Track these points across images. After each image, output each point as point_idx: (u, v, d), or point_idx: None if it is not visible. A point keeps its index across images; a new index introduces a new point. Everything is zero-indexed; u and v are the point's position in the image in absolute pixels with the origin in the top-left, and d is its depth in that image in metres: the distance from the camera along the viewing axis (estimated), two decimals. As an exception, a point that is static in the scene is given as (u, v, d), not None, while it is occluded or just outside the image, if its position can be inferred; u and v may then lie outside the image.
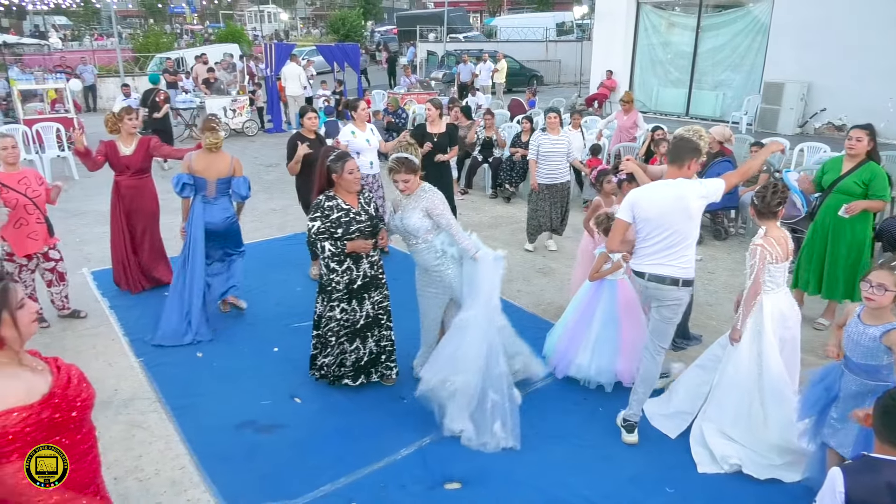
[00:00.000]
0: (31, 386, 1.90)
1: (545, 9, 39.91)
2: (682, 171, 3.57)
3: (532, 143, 6.88)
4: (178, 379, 4.48)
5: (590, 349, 4.28)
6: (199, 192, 5.10)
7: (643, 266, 3.59)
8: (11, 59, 21.68)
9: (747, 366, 3.55)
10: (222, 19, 45.63)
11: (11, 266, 4.95)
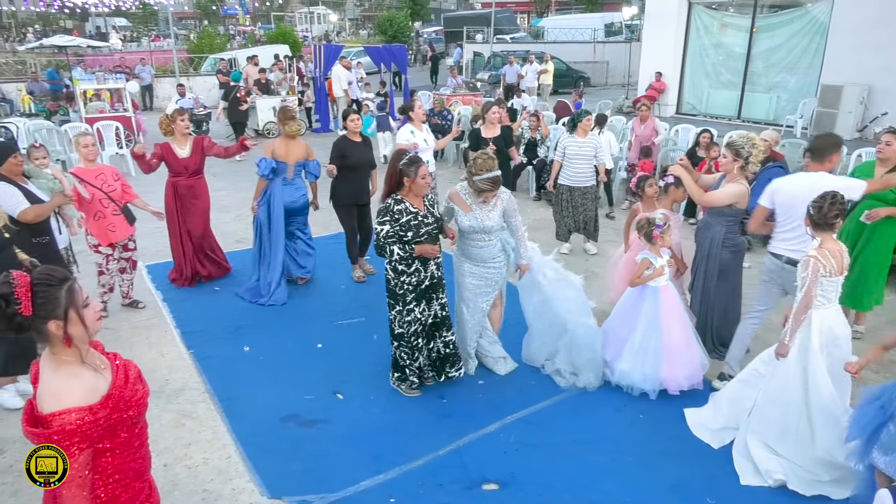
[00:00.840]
0: (92, 386, 1.97)
1: (594, 9, 39.50)
2: (824, 165, 4.03)
3: (559, 144, 6.87)
4: (227, 371, 4.63)
5: (633, 356, 4.25)
6: (280, 174, 5.81)
7: (779, 249, 4.07)
8: (74, 60, 22.62)
9: (793, 382, 3.45)
10: (273, 20, 46.59)
11: (99, 257, 5.27)
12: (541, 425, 4.00)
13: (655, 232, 4.27)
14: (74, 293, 1.98)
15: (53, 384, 1.93)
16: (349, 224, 6.17)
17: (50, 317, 1.92)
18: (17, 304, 1.87)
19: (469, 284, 4.35)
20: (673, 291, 4.30)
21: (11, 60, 26.72)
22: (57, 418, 1.86)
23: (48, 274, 1.96)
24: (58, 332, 1.94)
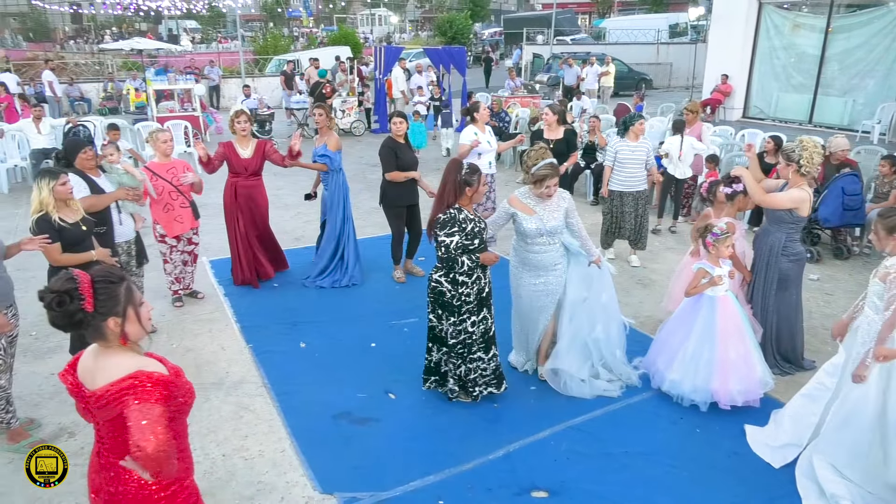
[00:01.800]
0: (161, 370, 2.08)
1: (658, 10, 38.63)
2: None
3: (609, 148, 6.72)
4: (283, 366, 4.75)
5: (684, 366, 4.15)
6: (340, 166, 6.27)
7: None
8: (148, 61, 23.64)
9: (870, 404, 3.28)
10: (336, 22, 47.51)
11: (164, 246, 5.53)
12: (593, 434, 3.94)
13: (709, 239, 4.15)
14: (132, 292, 2.07)
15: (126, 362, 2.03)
16: (398, 226, 6.25)
17: (110, 314, 2.01)
18: (81, 300, 1.96)
19: (525, 294, 4.32)
20: (732, 303, 4.16)
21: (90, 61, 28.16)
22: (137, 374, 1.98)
23: (108, 272, 2.07)
24: (116, 330, 2.03)
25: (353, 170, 11.46)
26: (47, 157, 10.13)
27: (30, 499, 3.42)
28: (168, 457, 1.97)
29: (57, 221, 3.85)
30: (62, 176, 3.93)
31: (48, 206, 3.84)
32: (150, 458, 1.92)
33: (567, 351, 4.37)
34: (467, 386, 4.16)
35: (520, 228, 4.17)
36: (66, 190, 3.92)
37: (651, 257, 7.07)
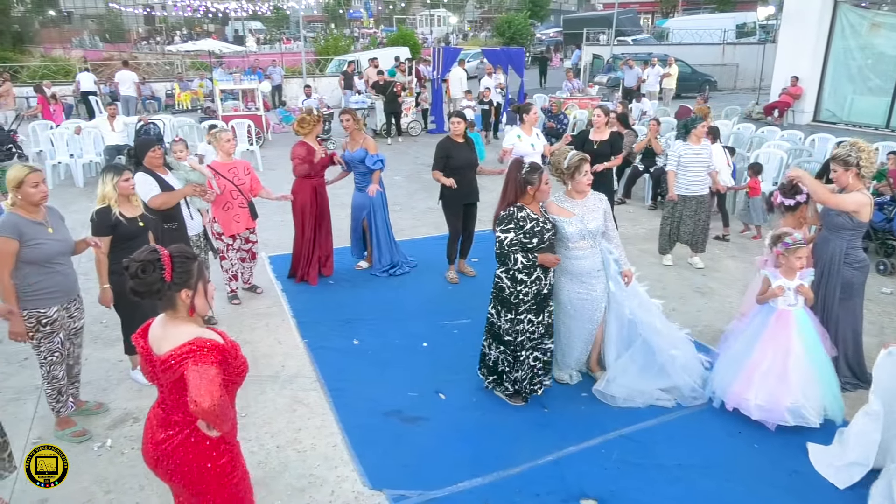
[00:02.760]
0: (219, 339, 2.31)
1: (725, 9, 37.45)
2: None
3: (672, 152, 6.56)
4: (337, 362, 4.84)
5: (724, 362, 4.09)
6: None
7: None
8: (215, 62, 24.47)
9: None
10: (395, 23, 48.02)
11: (221, 244, 5.69)
12: (646, 445, 3.86)
13: (778, 248, 3.99)
14: (202, 270, 2.33)
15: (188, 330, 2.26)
16: (455, 225, 6.28)
17: (183, 286, 2.25)
18: (161, 270, 2.19)
19: (569, 301, 4.27)
20: (791, 319, 3.97)
21: (161, 61, 29.34)
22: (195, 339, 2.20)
23: (183, 249, 2.30)
24: (186, 301, 2.28)
25: (408, 170, 11.59)
26: (120, 153, 10.62)
27: (96, 478, 3.60)
28: (223, 412, 2.18)
29: (115, 215, 4.03)
30: (126, 172, 4.11)
31: (110, 200, 4.02)
32: (206, 413, 2.13)
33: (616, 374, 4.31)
34: (517, 385, 4.16)
35: (560, 233, 4.11)
36: (128, 186, 4.09)
37: (711, 265, 6.86)
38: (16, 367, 4.82)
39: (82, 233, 4.04)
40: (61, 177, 10.83)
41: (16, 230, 3.46)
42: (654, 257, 7.10)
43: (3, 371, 4.70)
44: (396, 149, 13.61)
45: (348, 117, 6.37)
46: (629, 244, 7.13)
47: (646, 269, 6.73)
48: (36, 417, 4.18)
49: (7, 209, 3.61)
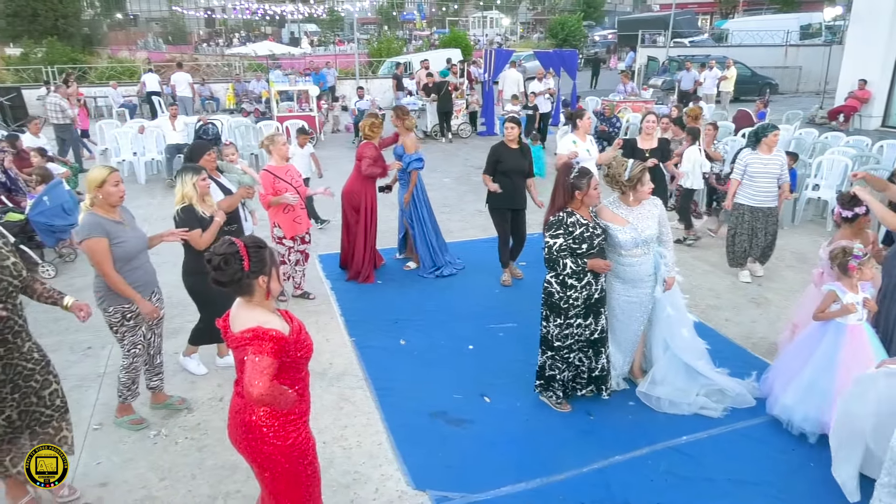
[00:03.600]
0: (282, 326, 2.48)
1: (789, 9, 36.17)
2: None
3: (739, 160, 6.29)
4: (383, 362, 4.90)
5: (799, 392, 3.88)
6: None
7: None
8: (272, 64, 25.08)
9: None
10: (447, 25, 48.18)
11: (282, 248, 5.81)
12: (694, 458, 3.76)
13: (852, 263, 3.81)
14: (273, 256, 2.51)
15: (255, 317, 2.42)
16: (503, 228, 6.26)
17: (260, 273, 2.44)
18: (241, 261, 2.39)
19: (618, 306, 4.21)
20: (864, 334, 3.80)
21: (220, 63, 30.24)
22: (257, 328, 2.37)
23: (255, 240, 2.50)
24: (263, 286, 2.46)
25: (457, 172, 11.62)
26: (180, 152, 11.01)
27: (151, 465, 3.74)
28: (273, 399, 2.39)
29: (200, 212, 4.21)
30: (203, 172, 4.30)
31: (191, 199, 4.19)
32: (254, 400, 2.35)
33: (664, 376, 4.26)
34: (566, 389, 4.13)
35: (613, 241, 4.04)
36: (205, 185, 4.29)
37: (768, 275, 6.63)
38: (79, 355, 5.05)
39: (144, 228, 4.20)
40: (125, 174, 11.26)
41: (102, 229, 3.58)
42: (707, 265, 6.93)
43: (67, 359, 4.93)
44: (446, 151, 13.66)
45: (393, 115, 6.50)
46: (682, 252, 6.99)
47: (699, 277, 6.58)
48: (98, 404, 4.37)
49: (85, 209, 3.75)
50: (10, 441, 3.14)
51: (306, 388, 2.68)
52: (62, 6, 34.77)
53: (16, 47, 33.11)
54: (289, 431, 2.57)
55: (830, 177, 8.56)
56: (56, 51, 27.32)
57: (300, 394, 2.61)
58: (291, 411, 2.56)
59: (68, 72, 19.06)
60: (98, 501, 3.46)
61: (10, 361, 3.04)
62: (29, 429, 3.21)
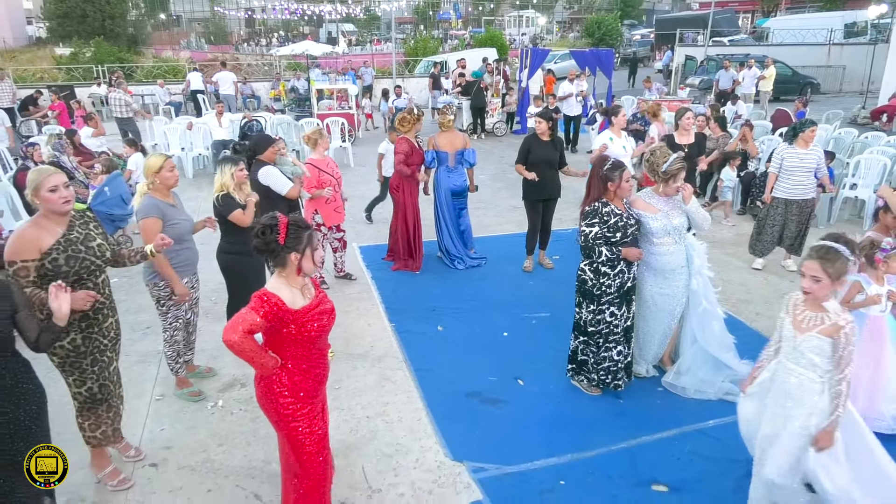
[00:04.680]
0: (291, 299, 2.68)
1: (834, 7, 35.34)
2: None
3: (776, 155, 6.47)
4: (422, 346, 5.16)
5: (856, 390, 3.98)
6: (442, 164, 6.67)
7: None
8: (312, 63, 25.60)
9: None
10: (483, 24, 48.31)
11: (318, 235, 6.11)
12: (721, 440, 3.92)
13: (878, 255, 3.92)
14: (312, 238, 2.73)
15: (272, 284, 2.69)
16: (533, 218, 6.56)
17: (293, 249, 2.66)
18: (277, 234, 2.63)
19: (650, 296, 4.38)
20: (885, 325, 3.92)
21: (260, 62, 30.97)
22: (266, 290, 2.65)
23: (299, 220, 2.75)
24: (294, 262, 2.68)
25: (493, 169, 11.83)
26: (226, 147, 11.46)
27: (210, 433, 4.06)
28: (241, 350, 2.57)
29: (238, 199, 4.53)
30: (240, 163, 4.62)
31: (228, 188, 4.52)
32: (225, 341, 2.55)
33: (689, 367, 4.43)
34: (599, 376, 4.32)
35: (645, 229, 4.22)
36: (242, 175, 4.60)
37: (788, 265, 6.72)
38: (140, 334, 5.42)
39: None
40: (174, 168, 11.79)
41: (159, 211, 3.95)
42: (740, 261, 7.02)
43: (129, 337, 5.29)
44: (481, 148, 13.84)
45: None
46: (715, 248, 7.08)
47: (732, 272, 6.68)
48: (158, 378, 4.73)
49: (143, 193, 4.10)
50: (89, 410, 3.47)
51: (322, 366, 2.87)
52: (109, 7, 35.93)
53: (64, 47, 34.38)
54: (299, 404, 2.80)
55: (868, 176, 8.53)
56: (103, 50, 28.32)
57: (315, 370, 2.82)
58: (303, 386, 2.79)
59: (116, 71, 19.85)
60: (163, 462, 3.79)
61: (89, 335, 3.36)
62: (106, 402, 3.53)
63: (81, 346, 3.30)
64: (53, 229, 3.16)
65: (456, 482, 3.59)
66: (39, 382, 2.87)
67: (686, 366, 4.43)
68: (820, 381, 2.93)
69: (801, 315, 2.97)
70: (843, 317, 2.85)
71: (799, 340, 2.95)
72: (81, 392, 3.38)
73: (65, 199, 3.15)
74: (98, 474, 3.60)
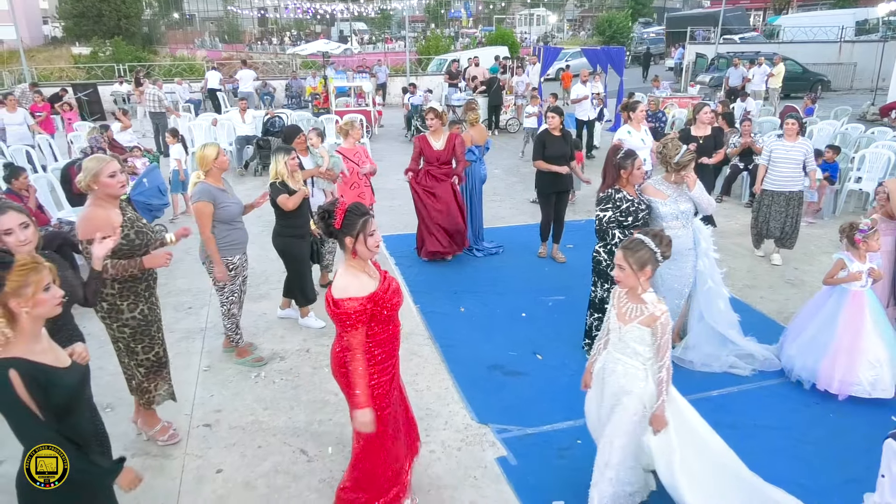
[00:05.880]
0: (364, 284, 2.86)
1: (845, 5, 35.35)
2: None
3: (765, 147, 6.84)
4: (445, 324, 5.52)
5: (802, 345, 4.44)
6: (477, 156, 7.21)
7: None
8: (326, 61, 26.03)
9: None
10: (494, 23, 48.58)
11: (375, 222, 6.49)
12: (724, 406, 4.27)
13: (857, 236, 4.28)
14: (367, 225, 2.90)
15: (342, 280, 2.88)
16: (546, 210, 6.93)
17: (348, 233, 2.85)
18: (333, 219, 2.86)
19: (659, 276, 4.67)
20: (865, 298, 4.29)
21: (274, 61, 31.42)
22: (342, 303, 2.79)
23: (356, 207, 2.94)
24: (350, 245, 2.86)
25: (507, 164, 12.17)
26: (249, 142, 11.88)
27: (256, 398, 4.44)
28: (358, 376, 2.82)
29: (288, 185, 4.93)
30: (292, 153, 5.03)
31: (283, 175, 4.92)
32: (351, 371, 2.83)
33: (696, 342, 4.76)
34: None
35: (655, 213, 4.56)
36: (294, 163, 5.03)
37: (806, 259, 7.03)
38: (183, 313, 5.81)
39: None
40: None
41: (211, 195, 4.34)
42: (746, 250, 7.33)
43: (173, 316, 5.69)
44: (496, 144, 14.19)
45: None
46: (723, 238, 7.40)
47: (738, 260, 7.00)
48: (203, 352, 5.12)
49: (197, 179, 4.49)
50: (155, 373, 3.85)
51: (395, 340, 3.05)
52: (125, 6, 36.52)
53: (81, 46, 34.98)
54: (371, 374, 3.00)
55: (873, 170, 8.81)
56: (121, 50, 28.88)
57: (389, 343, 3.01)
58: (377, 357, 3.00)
59: (138, 69, 20.33)
60: (216, 423, 4.17)
61: (152, 305, 3.75)
62: (167, 364, 3.93)
63: (149, 315, 3.69)
64: (113, 210, 3.53)
65: (482, 441, 3.96)
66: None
67: (693, 341, 4.76)
68: (643, 369, 3.06)
69: (625, 307, 3.06)
70: (659, 307, 2.96)
71: (623, 331, 3.06)
72: (150, 357, 3.77)
73: (122, 183, 3.54)
74: (149, 431, 3.99)
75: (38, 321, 2.30)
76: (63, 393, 2.26)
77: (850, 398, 4.29)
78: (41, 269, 2.28)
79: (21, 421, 2.16)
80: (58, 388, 2.23)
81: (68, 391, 2.29)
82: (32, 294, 2.23)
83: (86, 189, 3.49)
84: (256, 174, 11.49)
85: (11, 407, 2.15)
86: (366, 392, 2.88)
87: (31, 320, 2.25)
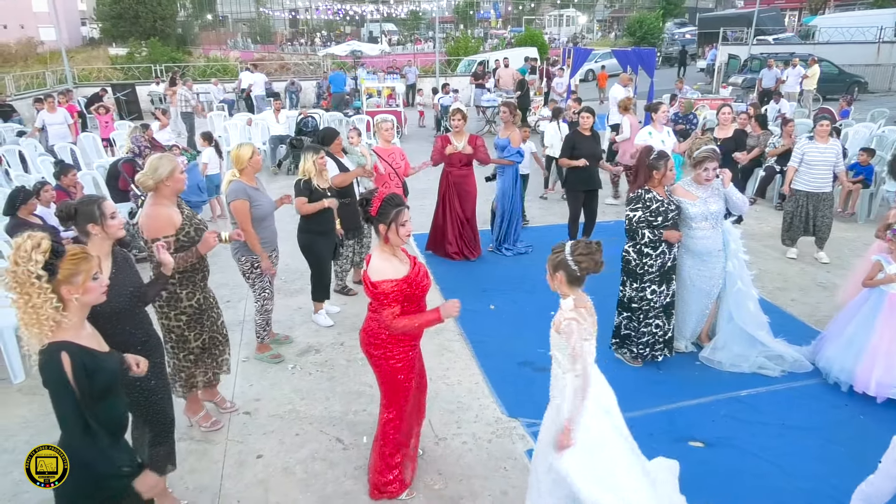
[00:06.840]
0: (397, 269, 3.12)
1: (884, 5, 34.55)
2: None
3: (796, 149, 6.82)
4: (476, 322, 5.63)
5: (840, 346, 4.43)
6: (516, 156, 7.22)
7: None
8: (356, 62, 26.32)
9: None
10: (523, 24, 48.55)
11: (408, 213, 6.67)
12: (753, 406, 4.30)
13: (888, 236, 4.28)
14: (399, 215, 3.15)
15: (376, 263, 3.15)
16: (574, 207, 7.04)
17: (381, 221, 3.12)
18: (370, 207, 3.15)
19: (688, 277, 4.77)
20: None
21: (305, 62, 31.86)
22: (380, 284, 3.05)
23: (392, 197, 3.20)
24: (383, 232, 3.13)
25: (536, 164, 12.20)
26: (282, 142, 12.13)
27: (293, 389, 4.60)
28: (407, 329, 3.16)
29: (313, 185, 5.09)
30: (321, 152, 5.19)
31: (311, 173, 5.08)
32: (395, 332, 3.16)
33: (725, 343, 4.81)
34: (639, 349, 4.72)
35: (684, 214, 4.62)
36: (322, 163, 5.18)
37: (839, 262, 6.97)
38: (222, 306, 5.99)
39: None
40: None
41: (246, 194, 4.51)
42: (777, 252, 7.30)
43: (212, 309, 5.89)
44: (524, 145, 14.27)
45: (505, 108, 7.15)
46: (753, 240, 7.38)
47: (769, 262, 6.98)
48: (241, 343, 5.30)
49: (232, 178, 4.67)
50: (201, 360, 4.04)
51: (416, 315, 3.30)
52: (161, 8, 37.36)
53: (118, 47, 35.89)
54: (395, 350, 3.29)
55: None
56: (157, 50, 29.55)
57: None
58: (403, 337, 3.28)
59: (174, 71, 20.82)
60: (255, 411, 4.35)
61: (206, 295, 3.94)
62: (209, 351, 4.10)
63: (203, 304, 3.88)
64: (173, 209, 3.71)
65: (512, 434, 4.06)
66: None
67: (722, 342, 4.80)
68: (563, 376, 3.05)
69: (557, 313, 3.06)
70: (564, 314, 2.95)
71: (552, 337, 3.08)
72: (199, 345, 3.95)
73: (185, 180, 3.73)
74: (193, 418, 4.17)
75: (85, 308, 2.46)
76: (105, 376, 2.41)
77: (888, 401, 4.28)
78: (90, 259, 2.44)
79: (65, 403, 2.29)
80: (101, 371, 2.39)
81: (109, 374, 2.45)
82: (83, 282, 2.38)
83: (152, 188, 3.64)
84: (289, 173, 11.73)
85: (58, 387, 2.28)
86: (427, 317, 3.23)
87: (80, 307, 2.41)
